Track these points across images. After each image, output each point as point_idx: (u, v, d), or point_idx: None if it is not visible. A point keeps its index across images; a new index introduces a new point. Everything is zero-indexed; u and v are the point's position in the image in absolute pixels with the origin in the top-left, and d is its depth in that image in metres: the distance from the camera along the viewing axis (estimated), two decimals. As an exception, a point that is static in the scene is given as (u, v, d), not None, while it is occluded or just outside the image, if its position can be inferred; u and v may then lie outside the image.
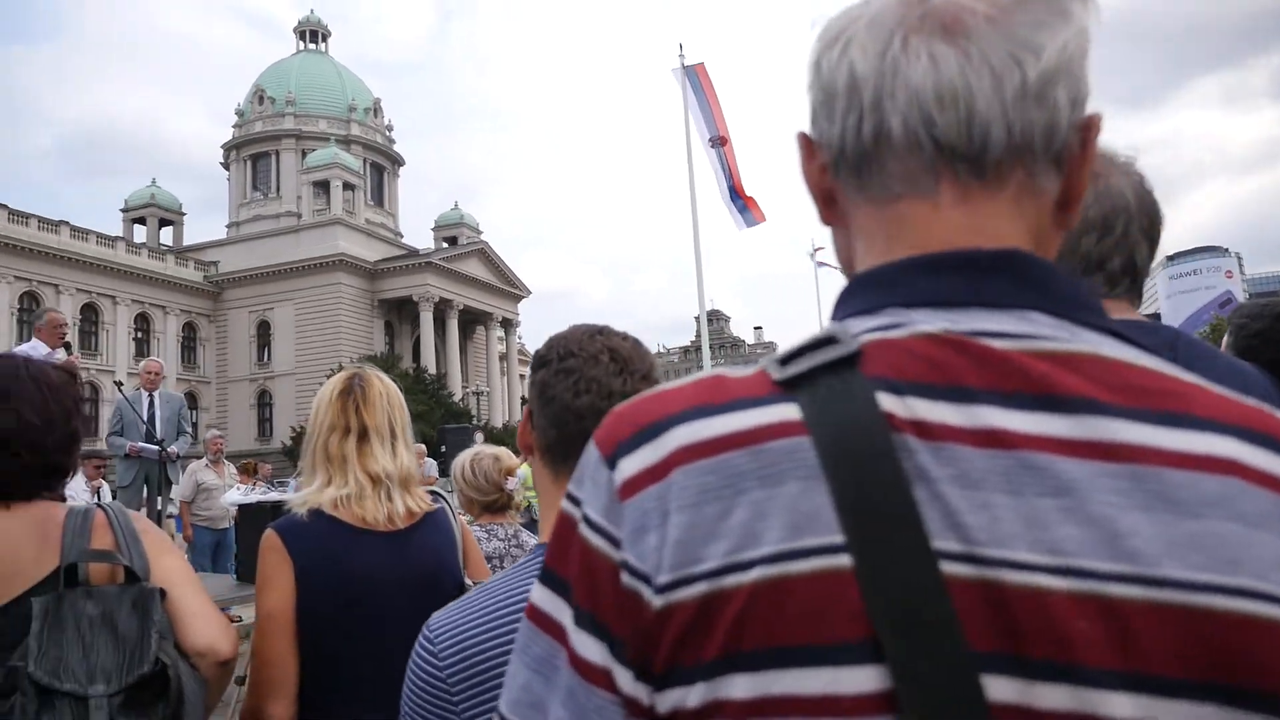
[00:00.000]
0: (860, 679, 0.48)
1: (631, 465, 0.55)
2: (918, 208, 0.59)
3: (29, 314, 42.57)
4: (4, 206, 46.76)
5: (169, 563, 1.63)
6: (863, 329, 0.57)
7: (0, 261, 45.66)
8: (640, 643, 0.52)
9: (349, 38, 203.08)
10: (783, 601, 0.49)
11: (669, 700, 0.52)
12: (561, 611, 0.57)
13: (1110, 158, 1.41)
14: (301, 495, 1.92)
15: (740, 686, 0.49)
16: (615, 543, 0.54)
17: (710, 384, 0.57)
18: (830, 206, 0.66)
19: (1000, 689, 0.47)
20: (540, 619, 0.58)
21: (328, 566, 1.82)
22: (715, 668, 0.50)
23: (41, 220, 48.68)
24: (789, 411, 0.53)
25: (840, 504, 0.50)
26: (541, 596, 0.59)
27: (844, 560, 0.49)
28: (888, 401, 0.52)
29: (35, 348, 7.09)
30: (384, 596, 1.82)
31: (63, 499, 1.66)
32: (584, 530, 0.56)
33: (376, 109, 69.79)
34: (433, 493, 2.09)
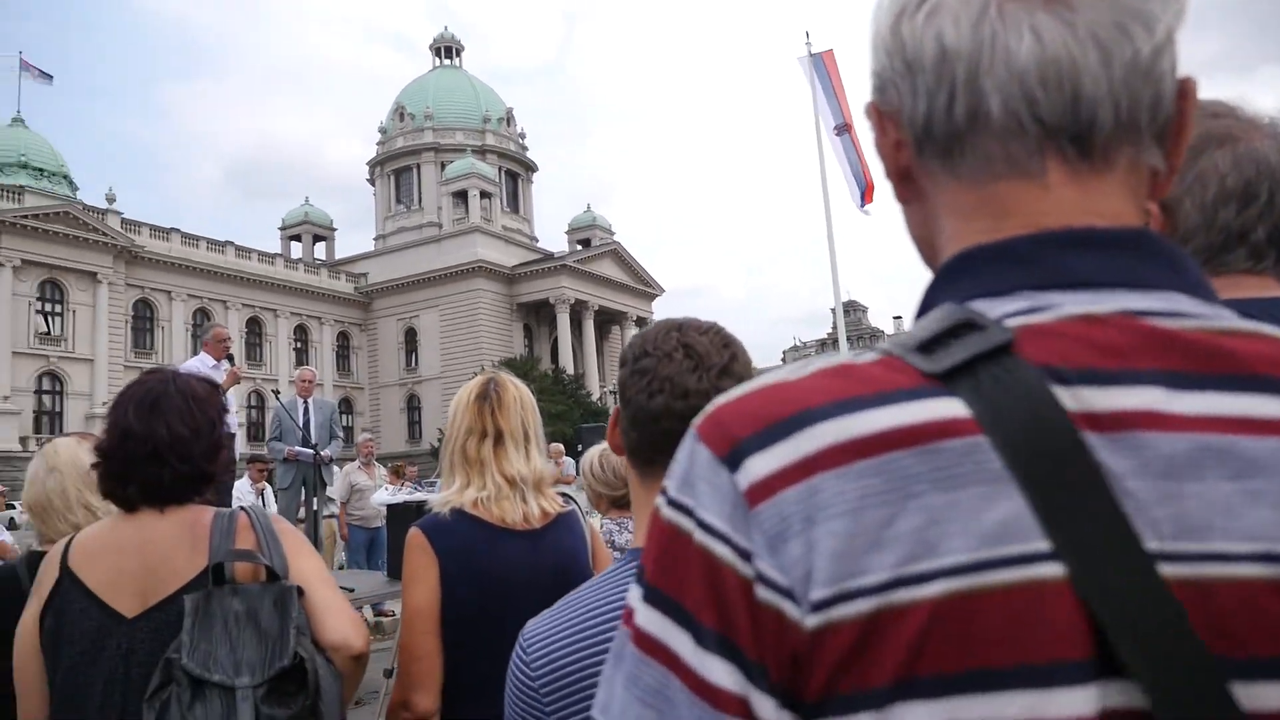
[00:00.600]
0: (1076, 701, 0.43)
1: (764, 465, 0.48)
2: (1023, 188, 0.54)
3: (199, 328, 45.82)
4: (177, 230, 50.75)
5: (306, 563, 1.72)
6: (1003, 313, 0.51)
7: (175, 281, 49.64)
8: (786, 667, 0.46)
9: (481, 51, 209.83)
10: (975, 618, 0.44)
11: None
12: (672, 634, 0.50)
13: (1251, 119, 1.29)
14: (442, 496, 1.99)
15: (919, 716, 0.44)
16: (744, 554, 0.48)
17: (845, 373, 0.51)
18: (907, 183, 0.60)
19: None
20: (649, 645, 0.51)
21: (470, 564, 1.88)
22: (886, 695, 0.44)
23: (210, 242, 52.66)
24: (954, 407, 0.48)
25: (1044, 510, 0.45)
26: (648, 619, 0.51)
27: (1051, 570, 0.44)
28: (1058, 394, 0.48)
29: (203, 360, 7.67)
30: (521, 594, 1.86)
31: (211, 503, 1.78)
32: (702, 539, 0.49)
33: (509, 118, 71.71)
34: (563, 495, 2.13)
